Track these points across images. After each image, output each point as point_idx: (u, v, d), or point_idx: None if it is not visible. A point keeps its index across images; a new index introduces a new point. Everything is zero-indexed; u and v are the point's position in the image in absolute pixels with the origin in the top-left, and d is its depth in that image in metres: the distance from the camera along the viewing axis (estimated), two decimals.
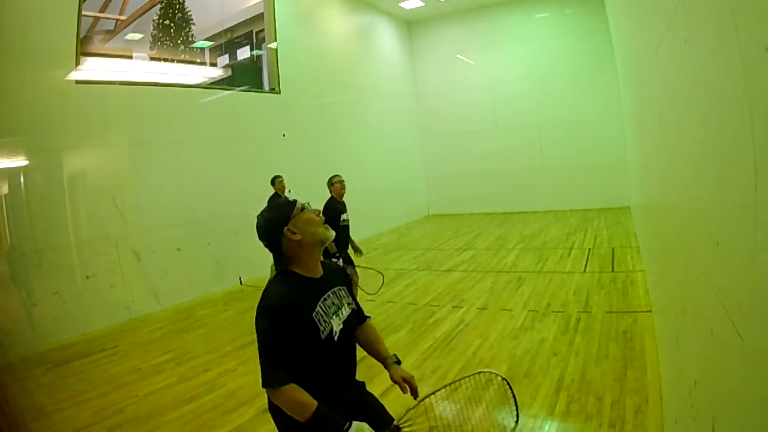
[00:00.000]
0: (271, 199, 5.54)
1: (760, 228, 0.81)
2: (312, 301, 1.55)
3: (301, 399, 1.43)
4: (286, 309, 1.47)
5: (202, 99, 6.79)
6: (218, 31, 7.19)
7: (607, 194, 10.29)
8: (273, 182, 6.14)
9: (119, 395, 3.56)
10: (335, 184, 4.60)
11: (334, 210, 4.43)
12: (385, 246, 8.84)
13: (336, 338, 1.57)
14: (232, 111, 7.18)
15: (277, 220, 1.57)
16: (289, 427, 1.51)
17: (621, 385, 2.99)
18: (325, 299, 1.59)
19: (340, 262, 4.32)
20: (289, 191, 8.08)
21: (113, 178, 5.62)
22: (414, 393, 1.72)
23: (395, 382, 1.71)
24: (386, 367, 1.75)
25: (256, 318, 1.49)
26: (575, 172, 10.72)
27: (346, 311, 1.66)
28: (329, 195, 4.58)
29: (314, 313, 1.53)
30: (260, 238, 1.60)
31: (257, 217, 1.61)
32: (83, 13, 5.27)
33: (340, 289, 1.68)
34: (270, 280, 1.60)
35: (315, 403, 1.43)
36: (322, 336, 1.52)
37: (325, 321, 1.55)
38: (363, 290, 4.50)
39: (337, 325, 1.59)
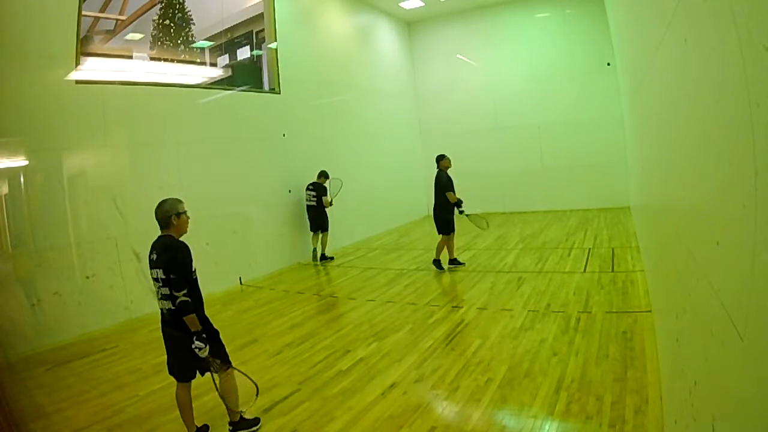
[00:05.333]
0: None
1: (760, 228, 0.81)
2: None
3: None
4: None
5: (202, 99, 6.79)
6: (218, 31, 7.19)
7: (607, 194, 10.29)
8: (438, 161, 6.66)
9: (119, 395, 3.56)
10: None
11: None
12: (385, 246, 8.84)
13: None
14: (232, 111, 7.18)
15: None
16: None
17: (621, 385, 2.99)
18: None
19: None
20: (290, 191, 8.10)
21: (113, 178, 5.62)
22: None
23: None
24: None
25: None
26: (575, 172, 10.72)
27: None
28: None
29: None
30: None
31: None
32: (83, 13, 5.27)
33: None
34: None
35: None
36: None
37: None
38: None
39: None
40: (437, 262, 6.66)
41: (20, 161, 4.84)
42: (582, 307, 4.54)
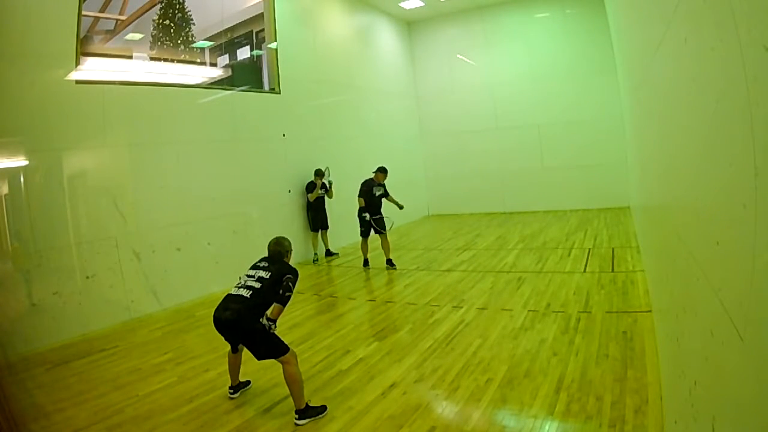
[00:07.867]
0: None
1: (760, 228, 0.81)
2: None
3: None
4: None
5: (202, 99, 6.79)
6: (218, 31, 7.19)
7: (607, 194, 10.29)
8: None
9: (119, 395, 3.56)
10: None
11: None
12: None
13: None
14: (232, 111, 7.18)
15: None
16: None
17: (621, 385, 2.99)
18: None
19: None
20: (290, 191, 8.11)
21: (113, 178, 5.61)
22: None
23: None
24: None
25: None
26: (575, 172, 10.72)
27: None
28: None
29: None
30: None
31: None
32: (83, 13, 5.27)
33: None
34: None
35: None
36: None
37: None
38: None
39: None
40: (389, 261, 7.20)
41: (20, 161, 4.83)
42: (582, 307, 4.55)
